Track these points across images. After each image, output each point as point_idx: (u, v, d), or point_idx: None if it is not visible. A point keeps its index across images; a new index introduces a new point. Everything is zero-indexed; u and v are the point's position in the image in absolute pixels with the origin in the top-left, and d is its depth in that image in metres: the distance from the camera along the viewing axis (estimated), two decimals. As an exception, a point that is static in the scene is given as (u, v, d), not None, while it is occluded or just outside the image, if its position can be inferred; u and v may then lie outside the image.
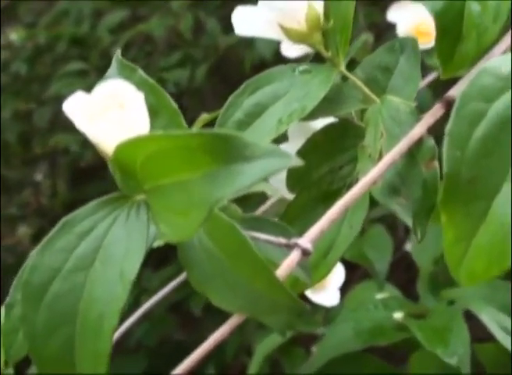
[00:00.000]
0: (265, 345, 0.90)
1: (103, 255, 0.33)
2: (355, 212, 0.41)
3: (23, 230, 2.20)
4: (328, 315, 0.92)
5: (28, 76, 1.56)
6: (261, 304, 0.33)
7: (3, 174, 2.19)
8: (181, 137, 0.29)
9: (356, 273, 0.89)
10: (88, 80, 1.35)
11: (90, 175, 2.17)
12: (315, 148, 0.42)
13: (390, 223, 0.95)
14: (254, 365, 0.91)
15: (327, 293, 0.60)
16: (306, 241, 0.35)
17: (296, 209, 0.43)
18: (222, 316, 0.34)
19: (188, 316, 1.61)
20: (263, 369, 1.05)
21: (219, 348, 1.12)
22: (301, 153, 0.42)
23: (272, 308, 0.33)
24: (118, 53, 0.40)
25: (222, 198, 0.28)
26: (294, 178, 0.43)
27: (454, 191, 0.30)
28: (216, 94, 1.42)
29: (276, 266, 0.34)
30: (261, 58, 1.10)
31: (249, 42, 1.19)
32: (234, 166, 0.28)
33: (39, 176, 2.36)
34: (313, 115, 0.41)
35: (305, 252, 0.35)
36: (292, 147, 0.45)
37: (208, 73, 1.34)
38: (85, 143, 1.42)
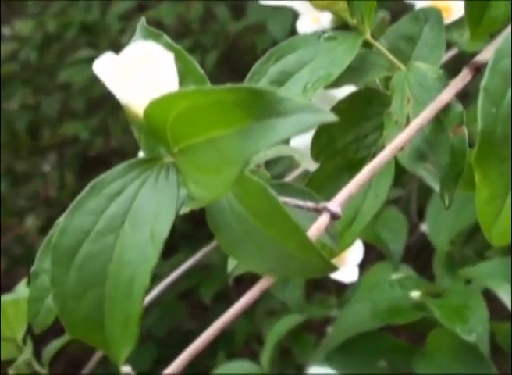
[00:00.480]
0: (276, 332, 0.90)
1: (133, 216, 0.33)
2: (381, 181, 0.41)
3: (31, 222, 2.20)
4: (341, 298, 0.92)
5: (37, 65, 1.56)
6: (292, 265, 0.33)
7: (12, 165, 2.19)
8: (215, 92, 0.28)
9: (370, 254, 0.89)
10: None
11: (98, 165, 2.17)
12: (340, 116, 0.42)
13: (403, 206, 0.94)
14: (267, 352, 0.91)
15: (346, 269, 0.60)
16: (335, 204, 0.35)
17: (321, 179, 0.43)
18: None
19: (197, 305, 1.61)
20: (273, 357, 1.05)
21: (229, 335, 1.13)
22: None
23: (302, 270, 0.33)
24: (142, 20, 0.40)
25: (254, 153, 0.28)
26: (319, 147, 0.42)
27: (489, 148, 0.30)
28: (226, 81, 1.41)
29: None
30: (273, 42, 1.09)
31: (259, 27, 1.18)
32: (267, 121, 0.28)
33: (47, 168, 2.37)
34: (338, 82, 0.41)
35: (334, 216, 0.35)
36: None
37: (218, 61, 1.34)
38: (95, 130, 1.43)
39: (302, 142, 0.45)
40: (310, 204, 0.35)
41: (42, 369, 0.62)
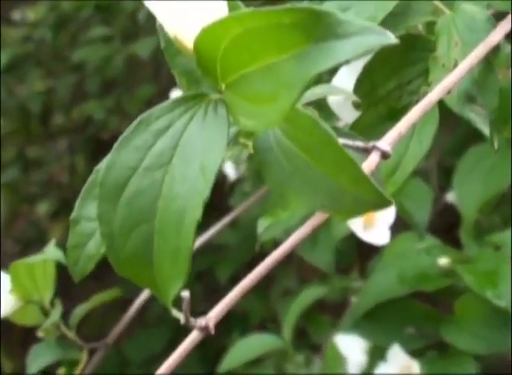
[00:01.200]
0: (300, 302, 0.89)
1: (181, 151, 0.32)
2: (425, 127, 0.40)
3: (44, 207, 2.19)
4: (364, 270, 0.92)
5: (50, 47, 1.55)
6: (345, 200, 0.32)
7: (23, 151, 2.19)
8: (272, 14, 0.28)
9: (394, 226, 0.88)
10: (113, 45, 1.34)
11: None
12: (383, 62, 0.41)
13: (424, 178, 0.93)
14: (289, 323, 0.90)
15: (377, 232, 0.59)
16: (385, 143, 0.34)
17: (363, 127, 0.42)
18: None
19: (212, 288, 1.61)
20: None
21: (243, 316, 1.12)
22: (368, 68, 0.41)
23: (355, 205, 0.32)
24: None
25: (313, 76, 0.27)
26: (361, 93, 0.42)
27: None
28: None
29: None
30: None
31: None
32: (326, 43, 0.27)
33: (58, 153, 2.37)
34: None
35: (384, 155, 0.34)
36: (352, 68, 0.44)
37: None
38: (110, 110, 1.42)
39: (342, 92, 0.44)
40: (359, 143, 0.35)
41: (69, 332, 0.62)
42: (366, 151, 0.35)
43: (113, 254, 0.32)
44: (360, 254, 1.02)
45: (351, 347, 0.71)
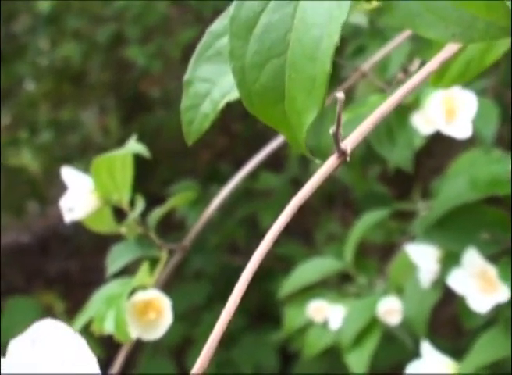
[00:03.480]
0: (360, 227, 0.90)
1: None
2: None
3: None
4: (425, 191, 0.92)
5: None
6: (476, 27, 0.32)
7: (56, 115, 2.20)
8: None
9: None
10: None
11: (141, 111, 2.17)
12: None
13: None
14: (349, 247, 0.90)
15: (459, 125, 0.59)
16: None
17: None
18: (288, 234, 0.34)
19: (255, 234, 1.61)
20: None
21: (288, 264, 1.12)
22: None
23: (486, 31, 0.32)
24: None
25: None
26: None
27: None
28: None
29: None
30: None
31: None
32: None
33: (90, 115, 2.38)
34: None
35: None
36: None
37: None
38: (153, 55, 1.42)
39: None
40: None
41: (149, 232, 0.63)
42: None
43: (244, 89, 0.33)
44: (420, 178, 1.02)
45: (423, 255, 0.71)
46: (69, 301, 1.71)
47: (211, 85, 0.39)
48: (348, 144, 0.34)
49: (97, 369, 0.27)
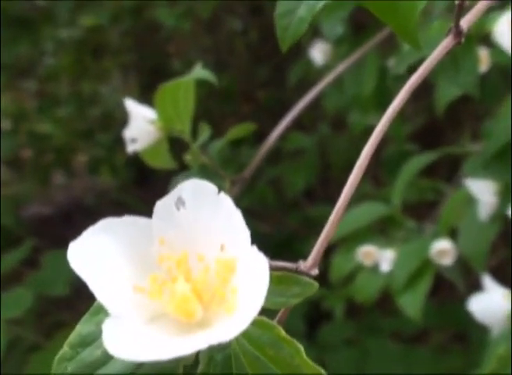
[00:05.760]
0: (408, 170, 0.89)
1: None
2: None
3: (103, 139, 2.20)
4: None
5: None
6: None
7: (77, 88, 2.20)
8: None
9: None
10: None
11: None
12: None
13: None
14: (398, 189, 0.90)
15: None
16: None
17: None
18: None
19: (286, 197, 1.61)
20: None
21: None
22: None
23: None
24: None
25: None
26: None
27: None
28: None
29: None
30: None
31: None
32: None
33: (111, 88, 2.38)
34: None
35: None
36: None
37: None
38: (181, 15, 1.41)
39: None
40: None
41: (211, 162, 0.63)
42: None
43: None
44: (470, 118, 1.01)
45: (482, 188, 0.71)
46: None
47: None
48: (464, 24, 0.34)
49: (245, 227, 0.27)
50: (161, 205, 0.27)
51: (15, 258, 1.15)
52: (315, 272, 0.31)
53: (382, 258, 0.86)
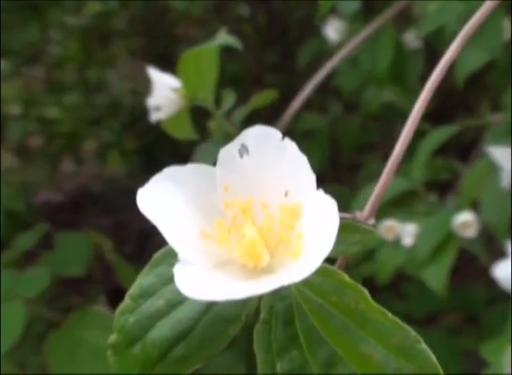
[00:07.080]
0: (428, 145, 0.89)
1: None
2: None
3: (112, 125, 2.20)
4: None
5: None
6: None
7: (83, 76, 2.19)
8: None
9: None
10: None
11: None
12: None
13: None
14: (418, 165, 0.89)
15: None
16: None
17: None
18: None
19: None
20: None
21: None
22: None
23: None
24: None
25: None
26: None
27: None
28: None
29: None
30: None
31: None
32: None
33: (117, 76, 2.37)
34: None
35: None
36: None
37: None
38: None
39: None
40: None
41: (233, 129, 0.62)
42: None
43: None
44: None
45: (505, 155, 0.71)
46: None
47: None
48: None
49: (311, 172, 0.27)
50: (225, 153, 0.27)
51: (29, 241, 1.15)
52: (372, 221, 0.31)
53: (404, 232, 0.86)
